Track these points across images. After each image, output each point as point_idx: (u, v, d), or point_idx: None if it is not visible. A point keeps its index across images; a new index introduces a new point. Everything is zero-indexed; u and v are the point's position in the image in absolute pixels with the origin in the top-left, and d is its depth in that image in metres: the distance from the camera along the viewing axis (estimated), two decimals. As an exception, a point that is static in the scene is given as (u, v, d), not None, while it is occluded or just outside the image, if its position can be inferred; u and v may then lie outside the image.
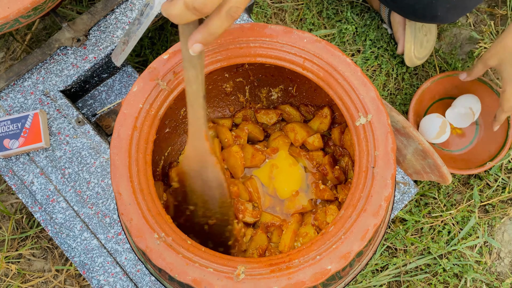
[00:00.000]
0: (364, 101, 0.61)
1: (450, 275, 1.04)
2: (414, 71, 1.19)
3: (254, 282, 0.54)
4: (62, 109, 0.93)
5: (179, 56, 0.63)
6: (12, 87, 0.94)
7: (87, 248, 0.86)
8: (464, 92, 1.13)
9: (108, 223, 0.87)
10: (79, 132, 0.91)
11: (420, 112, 1.14)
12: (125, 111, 0.60)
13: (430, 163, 0.90)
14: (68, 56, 0.95)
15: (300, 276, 0.54)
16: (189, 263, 0.55)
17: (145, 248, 0.55)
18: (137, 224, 0.56)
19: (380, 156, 0.58)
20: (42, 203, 0.88)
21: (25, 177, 0.89)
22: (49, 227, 0.88)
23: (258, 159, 0.77)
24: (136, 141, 0.60)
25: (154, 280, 0.84)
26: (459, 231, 1.07)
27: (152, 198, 0.59)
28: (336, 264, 0.55)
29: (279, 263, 0.55)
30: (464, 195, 1.10)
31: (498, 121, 1.01)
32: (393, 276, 1.05)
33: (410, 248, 1.06)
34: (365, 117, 0.60)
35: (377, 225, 0.56)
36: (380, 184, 0.57)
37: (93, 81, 0.99)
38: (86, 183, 0.89)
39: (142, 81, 0.62)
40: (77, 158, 0.90)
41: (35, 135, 0.88)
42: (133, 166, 0.59)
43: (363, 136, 0.60)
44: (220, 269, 0.55)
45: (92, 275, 0.85)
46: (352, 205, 0.58)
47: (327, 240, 0.56)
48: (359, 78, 0.61)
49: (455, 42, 1.22)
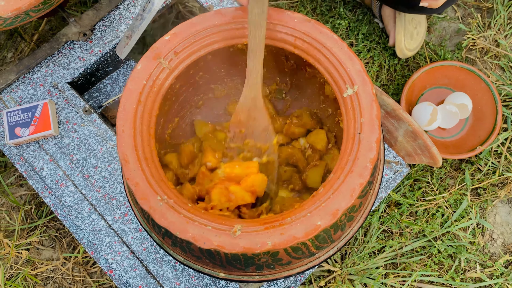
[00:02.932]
0: (350, 73, 0.65)
1: (444, 256, 1.08)
2: (406, 62, 1.24)
3: (249, 237, 0.58)
4: (69, 100, 0.98)
5: (180, 37, 0.68)
6: (22, 79, 0.99)
7: (95, 229, 0.91)
8: (453, 80, 1.17)
9: (114, 205, 0.91)
10: (86, 120, 0.96)
11: (412, 101, 1.18)
12: (130, 87, 0.65)
13: (421, 144, 0.94)
14: (75, 50, 1.01)
15: (292, 231, 0.58)
16: (190, 221, 0.59)
17: (149, 209, 0.60)
18: (142, 187, 0.61)
19: (366, 123, 0.63)
20: (52, 188, 0.93)
21: (35, 163, 0.94)
22: (59, 210, 0.92)
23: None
24: (141, 114, 0.65)
25: (159, 258, 0.88)
26: (452, 214, 1.10)
27: (156, 166, 0.63)
28: (326, 220, 0.59)
29: (273, 221, 0.60)
30: (456, 179, 1.14)
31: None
32: (389, 258, 1.09)
33: (405, 231, 1.10)
34: (351, 88, 0.65)
35: (363, 184, 0.60)
36: (366, 147, 0.62)
37: (99, 74, 1.05)
38: (94, 168, 0.93)
39: (146, 60, 0.67)
40: (84, 145, 0.95)
41: (44, 123, 0.94)
42: (137, 136, 0.64)
43: (350, 106, 0.65)
44: (218, 227, 0.59)
45: (100, 254, 0.89)
46: (340, 168, 0.62)
47: (317, 200, 0.61)
48: (345, 53, 0.66)
49: (444, 34, 1.28)
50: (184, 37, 0.68)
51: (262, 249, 0.57)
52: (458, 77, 1.17)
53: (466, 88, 1.17)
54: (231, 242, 0.58)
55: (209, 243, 0.58)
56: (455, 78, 1.18)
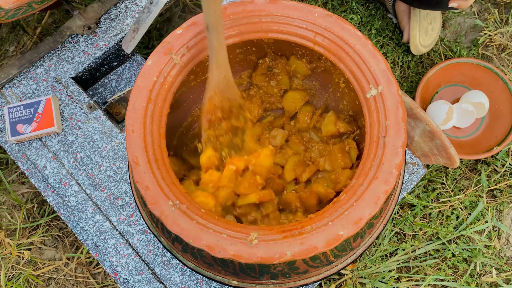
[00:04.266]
0: (374, 73, 0.62)
1: (459, 259, 1.04)
2: (420, 59, 1.20)
3: (267, 247, 0.55)
4: (73, 95, 0.94)
5: (193, 31, 0.64)
6: (25, 74, 0.95)
7: (99, 230, 0.87)
8: (469, 78, 1.13)
9: (120, 206, 0.88)
10: (90, 117, 0.93)
11: (426, 99, 1.14)
12: (140, 84, 0.62)
13: (438, 144, 0.91)
14: (79, 44, 0.97)
15: (312, 241, 0.55)
16: (203, 229, 0.56)
17: (160, 215, 0.56)
18: (152, 192, 0.57)
19: (391, 126, 0.59)
20: (54, 187, 0.89)
21: (37, 161, 0.91)
22: (62, 210, 0.89)
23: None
24: (151, 113, 0.61)
25: (166, 261, 0.85)
26: (467, 216, 1.07)
27: (166, 168, 0.60)
28: (348, 229, 0.55)
29: (292, 230, 0.56)
30: (471, 180, 1.11)
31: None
32: (402, 261, 1.05)
33: (418, 234, 1.07)
34: (376, 88, 0.61)
35: (388, 191, 0.57)
36: (391, 152, 0.58)
37: (104, 69, 1.01)
38: (98, 166, 0.90)
39: (157, 55, 0.63)
40: (89, 143, 0.91)
41: (47, 120, 0.90)
42: (147, 137, 0.60)
43: (374, 107, 0.61)
44: (234, 235, 0.56)
45: (104, 257, 0.86)
46: (363, 173, 0.59)
47: (339, 207, 0.57)
48: (369, 51, 0.62)
49: (460, 30, 1.24)
50: (197, 31, 0.64)
51: (280, 259, 0.54)
52: (475, 74, 1.13)
53: (482, 86, 1.13)
54: (248, 252, 0.55)
55: (224, 252, 0.55)
56: (471, 76, 1.14)
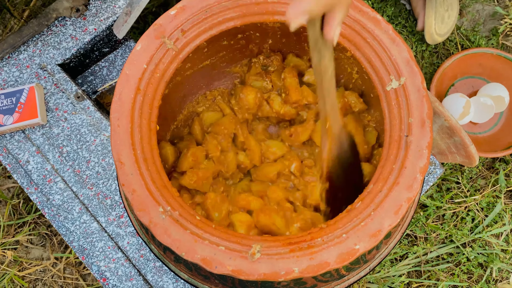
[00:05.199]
0: (396, 62, 0.54)
1: (474, 264, 0.98)
2: (435, 49, 1.12)
3: (271, 262, 0.47)
4: (60, 84, 0.86)
5: (188, 12, 0.56)
6: (7, 60, 0.87)
7: (86, 232, 0.80)
8: (488, 69, 1.06)
9: (109, 205, 0.80)
10: (78, 108, 0.85)
11: (441, 92, 1.07)
12: (127, 72, 0.54)
13: (457, 141, 0.83)
14: (66, 28, 0.89)
15: (324, 256, 0.48)
16: (198, 240, 0.48)
17: (148, 223, 0.49)
18: (140, 196, 0.50)
19: (415, 123, 0.52)
20: (38, 184, 0.82)
21: (20, 155, 0.83)
22: (46, 209, 0.82)
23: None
24: (140, 105, 0.54)
25: (158, 266, 0.78)
26: (484, 218, 1.00)
27: (157, 169, 0.52)
28: (365, 242, 0.48)
29: (300, 242, 0.49)
30: (488, 180, 1.03)
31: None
32: (413, 265, 0.99)
33: (431, 236, 1.00)
34: (397, 80, 0.54)
35: (412, 199, 0.49)
36: (415, 154, 0.51)
37: (94, 55, 0.93)
38: (86, 162, 0.82)
39: (147, 39, 0.55)
40: (76, 136, 0.84)
41: (30, 111, 0.82)
42: (136, 132, 0.53)
43: (395, 102, 0.54)
44: (233, 247, 0.48)
45: (92, 261, 0.79)
46: (382, 178, 0.51)
47: (354, 217, 0.50)
48: (390, 37, 0.55)
49: (478, 18, 1.15)
50: (193, 12, 0.56)
51: (287, 277, 0.47)
52: (494, 66, 1.06)
53: (502, 78, 1.06)
54: (249, 267, 0.47)
55: (222, 267, 0.47)
56: (490, 67, 1.06)
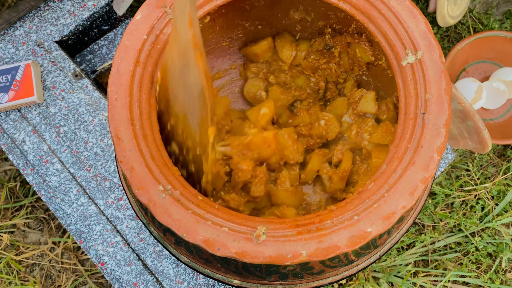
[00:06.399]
0: (413, 35, 0.51)
1: (483, 254, 0.95)
2: (446, 32, 1.09)
3: (277, 245, 0.45)
4: (57, 61, 0.83)
5: (191, -21, 0.53)
6: (2, 36, 0.84)
7: (84, 215, 0.77)
8: (501, 53, 1.02)
9: (107, 187, 0.78)
10: (76, 86, 0.82)
11: (452, 77, 1.03)
12: (126, 42, 0.51)
13: (470, 126, 0.80)
14: (64, 3, 0.86)
15: (333, 239, 0.45)
16: (200, 220, 0.45)
17: (147, 202, 0.46)
18: (139, 174, 0.47)
19: (433, 100, 0.48)
20: (34, 165, 0.79)
21: (15, 135, 0.80)
22: (42, 191, 0.79)
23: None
24: (139, 78, 0.51)
25: (158, 251, 0.75)
26: (494, 207, 0.97)
27: (157, 145, 0.49)
28: (378, 225, 0.45)
29: (308, 224, 0.46)
30: (499, 167, 1.00)
31: None
32: (420, 254, 0.96)
33: (439, 225, 0.97)
34: (413, 54, 0.50)
35: (428, 180, 0.46)
36: (432, 132, 0.48)
37: (93, 33, 0.90)
38: (84, 142, 0.79)
39: (147, 8, 0.52)
40: (73, 115, 0.81)
41: (26, 89, 0.79)
42: (134, 107, 0.49)
43: (411, 77, 0.50)
44: (237, 228, 0.45)
45: (89, 244, 0.76)
46: (396, 158, 0.48)
47: (366, 198, 0.47)
48: (407, 8, 0.51)
49: (491, 1, 1.12)
50: (197, -19, 0.53)
51: (294, 260, 0.44)
52: (507, 50, 1.03)
53: (515, 63, 1.02)
54: (254, 250, 0.44)
55: (225, 249, 0.45)
56: (503, 52, 1.03)
